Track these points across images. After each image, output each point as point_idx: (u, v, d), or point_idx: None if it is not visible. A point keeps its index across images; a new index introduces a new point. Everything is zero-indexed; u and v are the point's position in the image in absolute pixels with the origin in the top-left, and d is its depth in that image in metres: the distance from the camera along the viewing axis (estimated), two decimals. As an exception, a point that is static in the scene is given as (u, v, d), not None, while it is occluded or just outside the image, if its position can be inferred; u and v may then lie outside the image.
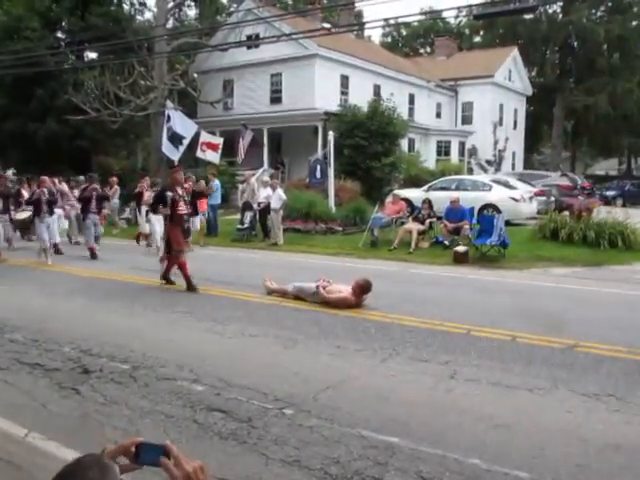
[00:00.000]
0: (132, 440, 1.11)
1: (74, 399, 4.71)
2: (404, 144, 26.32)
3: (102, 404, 4.56)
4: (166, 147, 17.05)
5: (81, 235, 15.08)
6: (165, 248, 9.63)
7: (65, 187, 16.16)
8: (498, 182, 18.85)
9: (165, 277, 9.61)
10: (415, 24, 50.15)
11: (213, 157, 17.70)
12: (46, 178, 12.90)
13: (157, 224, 12.95)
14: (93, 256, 12.89)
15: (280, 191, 15.71)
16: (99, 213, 13.69)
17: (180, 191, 9.46)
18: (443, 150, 30.33)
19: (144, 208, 14.80)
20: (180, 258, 9.22)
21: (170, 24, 28.96)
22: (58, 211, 14.04)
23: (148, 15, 33.00)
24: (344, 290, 8.04)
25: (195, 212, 11.25)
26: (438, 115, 34.04)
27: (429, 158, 28.87)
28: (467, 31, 51.07)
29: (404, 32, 54.73)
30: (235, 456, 3.72)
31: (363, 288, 7.92)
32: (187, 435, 4.02)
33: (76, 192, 15.70)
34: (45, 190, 12.31)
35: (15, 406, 4.56)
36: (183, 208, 9.37)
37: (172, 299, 8.55)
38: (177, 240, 9.21)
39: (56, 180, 16.09)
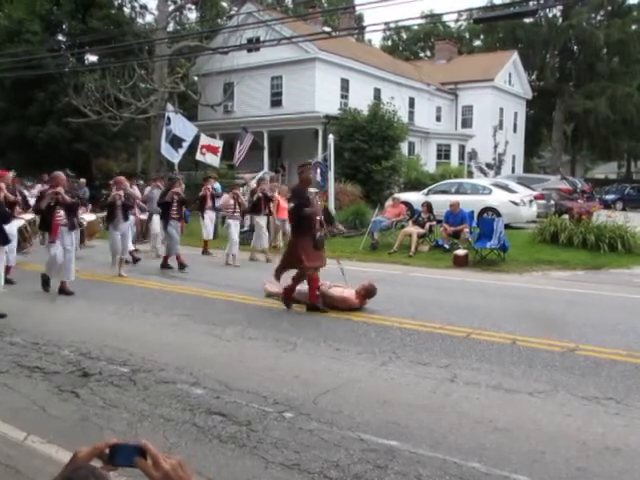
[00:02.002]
0: (106, 441, 1.08)
1: (73, 402, 4.71)
2: (404, 147, 26.33)
3: (101, 407, 4.56)
4: (165, 150, 17.08)
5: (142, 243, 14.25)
6: (286, 263, 8.04)
7: (136, 190, 14.60)
8: (498, 185, 18.86)
9: (314, 306, 7.89)
10: (415, 28, 50.26)
11: (213, 160, 17.72)
12: (123, 179, 11.16)
13: (235, 231, 12.48)
14: (182, 267, 11.47)
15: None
16: (180, 219, 12.24)
17: (311, 195, 8.06)
18: (443, 153, 30.34)
19: (211, 214, 13.98)
20: (311, 274, 7.79)
21: (171, 27, 29.08)
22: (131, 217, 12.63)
23: (149, 18, 33.10)
24: (347, 291, 8.06)
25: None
26: (438, 119, 34.07)
27: (429, 161, 28.88)
28: (467, 35, 51.17)
29: (404, 36, 54.82)
30: (235, 459, 3.72)
31: (368, 292, 7.95)
32: (186, 438, 4.01)
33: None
34: (121, 193, 10.50)
35: (14, 409, 4.55)
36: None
37: (171, 302, 8.54)
38: (307, 253, 7.65)
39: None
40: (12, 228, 9.61)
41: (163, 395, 4.78)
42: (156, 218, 13.26)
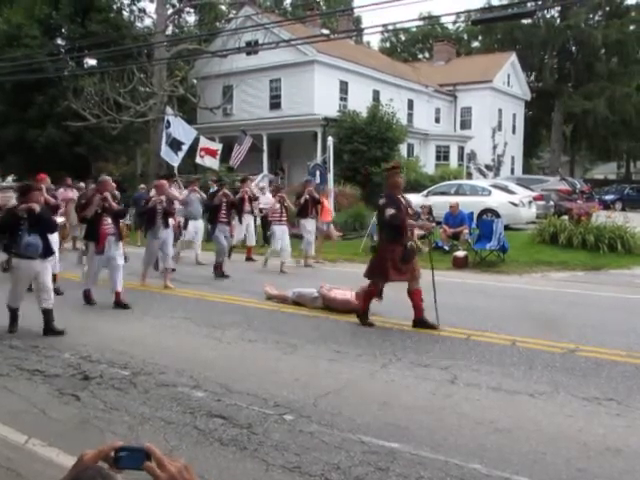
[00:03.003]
0: (111, 444, 1.08)
1: (74, 405, 4.71)
2: (403, 149, 26.35)
3: (102, 410, 4.56)
4: (165, 153, 17.11)
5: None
6: (371, 273, 7.24)
7: (176, 192, 13.33)
8: (497, 187, 18.87)
9: (421, 320, 7.13)
10: (414, 30, 50.27)
11: (212, 163, 17.74)
12: (164, 182, 10.27)
13: (284, 238, 11.68)
14: (221, 275, 10.87)
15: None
16: (229, 223, 11.62)
17: (402, 198, 7.28)
18: (442, 155, 30.36)
19: (249, 218, 13.50)
20: (378, 287, 7.17)
21: (169, 31, 29.08)
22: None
23: (148, 22, 33.09)
24: (348, 294, 8.07)
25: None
26: (437, 120, 34.09)
27: (428, 163, 28.88)
28: (465, 36, 51.21)
29: (403, 38, 54.87)
30: (235, 462, 3.72)
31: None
32: (187, 441, 4.01)
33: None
34: (163, 198, 9.66)
35: (15, 412, 4.55)
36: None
37: (171, 305, 8.54)
38: (394, 266, 6.95)
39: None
40: (54, 235, 9.16)
41: (164, 398, 4.78)
42: (193, 223, 12.58)
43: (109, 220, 8.27)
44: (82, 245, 10.69)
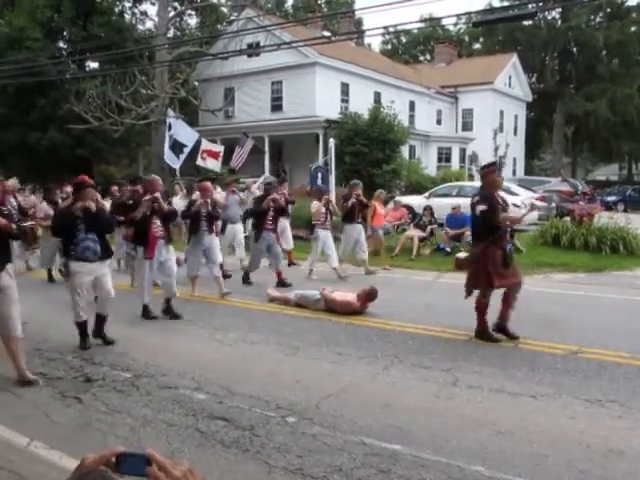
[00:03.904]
0: (112, 449, 1.07)
1: (76, 408, 4.71)
2: (405, 151, 26.33)
3: (104, 413, 4.56)
4: (167, 155, 17.12)
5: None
6: (473, 281, 6.70)
7: (218, 196, 12.21)
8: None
9: (503, 329, 6.68)
10: (415, 31, 50.31)
11: (214, 165, 17.72)
12: (209, 185, 9.54)
13: (330, 244, 11.01)
14: (282, 283, 10.02)
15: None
16: (275, 231, 10.55)
17: (499, 198, 6.80)
18: (444, 157, 30.35)
19: (285, 221, 12.38)
20: (487, 297, 6.61)
21: (171, 33, 29.16)
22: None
23: (149, 24, 33.12)
24: (349, 296, 8.08)
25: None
26: (438, 122, 34.09)
27: (430, 165, 28.88)
28: (467, 38, 51.23)
29: (404, 39, 54.90)
30: (238, 464, 3.72)
31: (369, 295, 7.96)
32: (189, 443, 4.01)
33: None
34: (209, 201, 8.99)
35: (18, 415, 4.56)
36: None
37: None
38: (497, 271, 6.43)
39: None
40: None
41: (166, 400, 4.79)
42: (232, 227, 11.76)
43: (158, 222, 7.70)
44: (128, 250, 9.84)
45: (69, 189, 12.96)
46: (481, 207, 6.48)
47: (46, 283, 10.86)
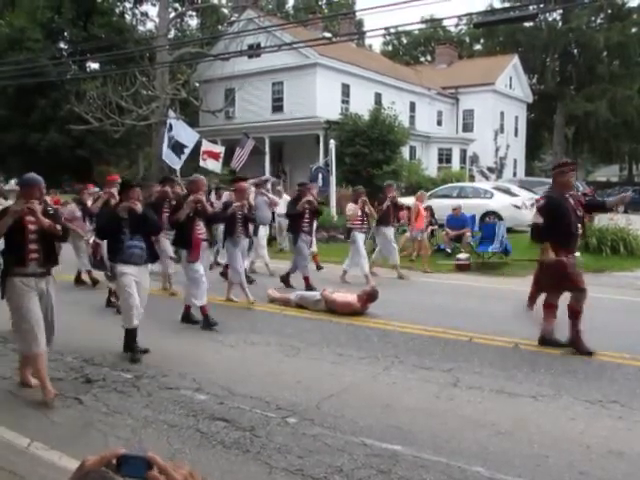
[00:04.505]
0: (113, 451, 1.07)
1: (77, 409, 4.71)
2: (405, 152, 26.35)
3: (105, 414, 4.56)
4: (167, 156, 17.11)
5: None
6: (545, 286, 6.37)
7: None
8: (499, 189, 18.86)
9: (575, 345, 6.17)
10: (416, 33, 50.37)
11: (214, 166, 17.73)
12: (246, 186, 9.07)
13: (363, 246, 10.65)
14: (309, 288, 9.50)
15: (287, 197, 15.55)
16: (311, 233, 10.25)
17: (571, 199, 6.29)
18: (444, 157, 30.36)
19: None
20: (555, 303, 6.33)
21: (172, 34, 29.19)
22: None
23: (150, 25, 33.19)
24: (350, 296, 8.09)
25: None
26: (439, 123, 34.11)
27: (430, 166, 28.90)
28: (467, 39, 51.25)
29: (405, 40, 54.94)
30: (238, 465, 3.72)
31: (370, 296, 7.96)
32: (190, 444, 4.01)
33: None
34: (245, 203, 8.56)
35: (18, 416, 4.56)
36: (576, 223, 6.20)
37: (173, 308, 8.54)
38: (575, 272, 6.11)
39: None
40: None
41: (166, 401, 4.79)
42: (263, 229, 11.48)
43: (202, 224, 7.43)
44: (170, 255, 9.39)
45: (95, 189, 12.80)
46: (536, 218, 6.12)
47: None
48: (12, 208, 4.73)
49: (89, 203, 10.05)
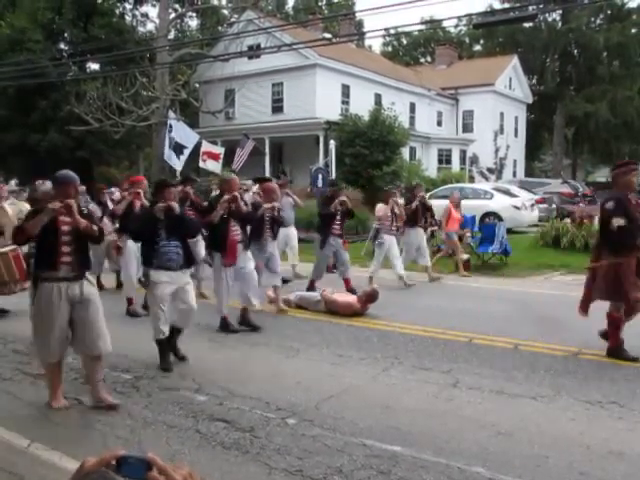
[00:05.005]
0: (113, 453, 1.07)
1: (77, 409, 4.72)
2: (405, 153, 26.36)
3: (105, 414, 4.56)
4: (168, 157, 17.13)
5: None
6: (600, 293, 6.05)
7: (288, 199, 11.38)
8: (499, 190, 18.87)
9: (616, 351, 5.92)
10: (415, 33, 50.36)
11: (214, 167, 17.73)
12: (275, 187, 8.46)
13: (396, 249, 10.26)
14: (312, 289, 9.19)
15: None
16: (343, 236, 9.69)
17: (633, 200, 5.98)
18: (444, 158, 30.38)
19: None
20: (620, 311, 5.91)
21: (172, 35, 29.19)
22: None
23: (150, 26, 33.18)
24: (350, 297, 8.08)
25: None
26: (439, 123, 34.12)
27: (430, 166, 28.91)
28: (467, 40, 51.25)
29: (404, 41, 54.94)
30: (238, 466, 3.72)
31: (370, 297, 7.96)
32: (190, 445, 4.01)
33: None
34: (276, 205, 8.00)
35: (18, 416, 4.56)
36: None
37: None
38: (629, 281, 5.77)
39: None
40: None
41: (166, 402, 4.79)
42: (284, 231, 10.62)
43: (237, 225, 7.06)
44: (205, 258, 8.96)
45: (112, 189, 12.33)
46: (618, 222, 5.74)
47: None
48: (49, 206, 4.40)
49: (109, 203, 10.02)
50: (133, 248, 7.78)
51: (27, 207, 8.99)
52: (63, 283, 4.48)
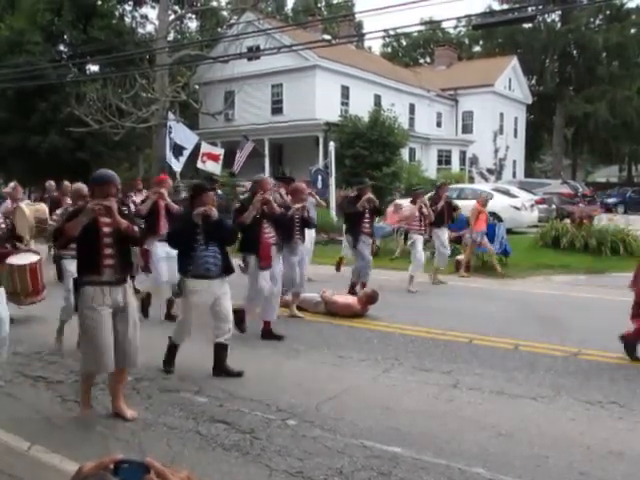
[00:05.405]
0: (111, 457, 1.07)
1: (77, 411, 4.71)
2: (405, 154, 26.37)
3: (105, 416, 4.56)
4: (168, 158, 17.15)
5: None
6: None
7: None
8: (499, 190, 18.87)
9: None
10: (415, 34, 50.40)
11: (214, 168, 17.74)
12: (304, 187, 8.13)
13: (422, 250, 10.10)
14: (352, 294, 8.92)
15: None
16: (372, 235, 9.59)
17: None
18: (444, 159, 30.39)
19: None
20: None
21: (171, 36, 29.21)
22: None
23: (150, 28, 33.19)
24: (350, 298, 8.08)
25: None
26: (439, 124, 34.14)
27: (430, 167, 28.92)
28: (467, 41, 51.30)
29: (404, 42, 54.99)
30: (238, 467, 3.72)
31: (370, 298, 7.96)
32: (190, 447, 4.01)
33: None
34: (306, 205, 7.78)
35: (18, 419, 4.55)
36: None
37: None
38: None
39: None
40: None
41: (166, 404, 4.79)
42: (308, 232, 9.96)
43: (270, 227, 6.82)
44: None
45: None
46: None
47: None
48: (89, 206, 4.18)
49: (132, 206, 9.83)
50: (161, 251, 7.47)
51: (44, 207, 8.97)
52: (106, 287, 4.29)
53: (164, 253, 7.41)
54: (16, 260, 6.17)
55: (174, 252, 6.64)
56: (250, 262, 6.76)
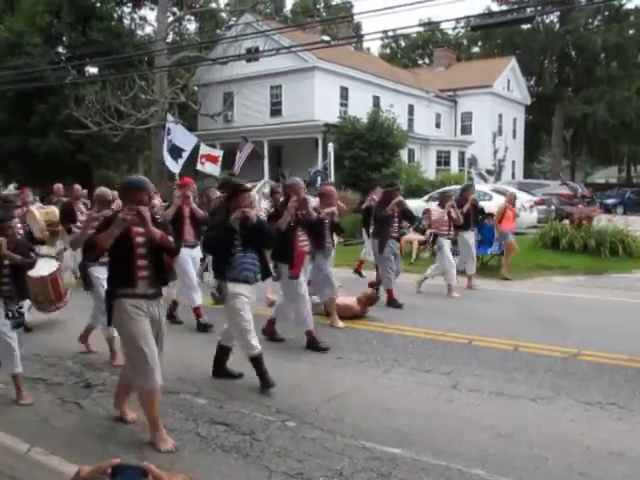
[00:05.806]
0: (109, 462, 1.07)
1: (76, 413, 4.71)
2: (404, 155, 26.38)
3: (104, 418, 4.56)
4: (165, 159, 17.15)
5: None
6: None
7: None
8: (498, 191, 18.86)
9: None
10: (414, 35, 50.43)
11: (213, 169, 17.72)
12: (332, 189, 7.99)
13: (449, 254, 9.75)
14: (393, 303, 8.71)
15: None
16: (399, 239, 9.36)
17: None
18: (443, 160, 30.39)
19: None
20: None
21: (170, 38, 29.20)
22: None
23: (148, 30, 33.18)
24: (349, 299, 8.08)
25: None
26: (437, 125, 34.16)
27: (429, 168, 28.92)
28: (465, 42, 51.34)
29: (403, 43, 55.03)
30: (238, 469, 3.72)
31: (370, 299, 7.96)
32: (190, 448, 4.01)
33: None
34: (335, 210, 7.48)
35: (18, 421, 4.55)
36: None
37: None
38: None
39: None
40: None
41: (166, 405, 4.78)
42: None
43: (304, 234, 6.54)
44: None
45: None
46: None
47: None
48: (120, 216, 3.94)
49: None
50: (187, 257, 7.27)
51: (54, 209, 8.88)
52: (142, 300, 4.06)
53: (190, 258, 7.33)
54: (35, 272, 5.97)
55: (198, 257, 6.75)
56: (284, 271, 6.49)
